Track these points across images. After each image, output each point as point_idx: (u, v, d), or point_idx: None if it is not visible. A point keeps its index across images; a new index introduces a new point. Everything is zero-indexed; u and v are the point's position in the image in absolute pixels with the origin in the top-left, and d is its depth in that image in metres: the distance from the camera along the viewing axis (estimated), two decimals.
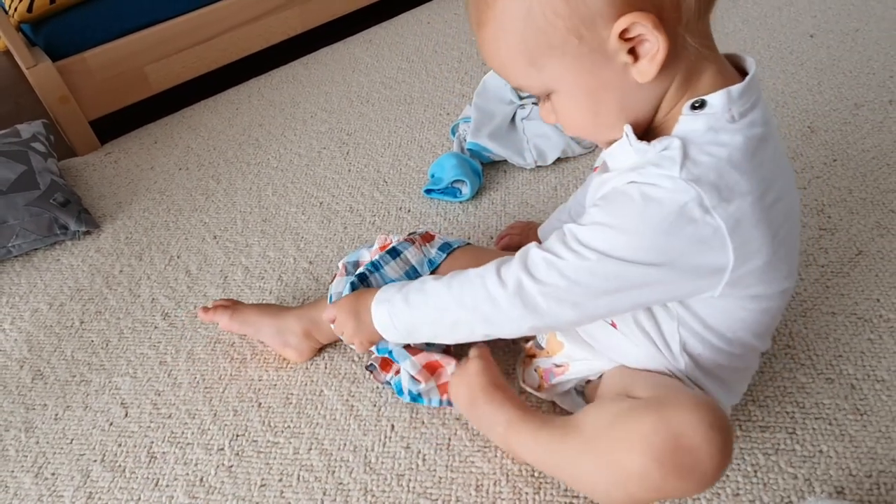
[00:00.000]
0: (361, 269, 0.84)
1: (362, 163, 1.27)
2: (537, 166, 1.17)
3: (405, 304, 0.69)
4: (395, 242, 0.86)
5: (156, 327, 0.99)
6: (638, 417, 0.57)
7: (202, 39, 1.49)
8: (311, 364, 0.89)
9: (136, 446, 0.83)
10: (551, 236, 0.60)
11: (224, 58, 1.55)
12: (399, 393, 0.81)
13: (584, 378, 0.75)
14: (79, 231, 1.16)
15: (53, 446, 0.84)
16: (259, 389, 0.87)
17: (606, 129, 0.58)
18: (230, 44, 1.54)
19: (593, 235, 0.56)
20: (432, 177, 1.16)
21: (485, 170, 1.19)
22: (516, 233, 1.00)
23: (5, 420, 0.88)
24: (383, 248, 0.86)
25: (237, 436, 0.82)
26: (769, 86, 1.28)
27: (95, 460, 0.82)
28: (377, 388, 0.84)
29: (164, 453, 0.82)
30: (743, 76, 0.55)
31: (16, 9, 1.33)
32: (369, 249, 0.89)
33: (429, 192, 1.15)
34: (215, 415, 0.85)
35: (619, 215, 0.55)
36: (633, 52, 0.51)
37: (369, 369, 0.82)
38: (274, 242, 1.11)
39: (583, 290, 0.57)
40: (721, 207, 0.52)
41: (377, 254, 0.86)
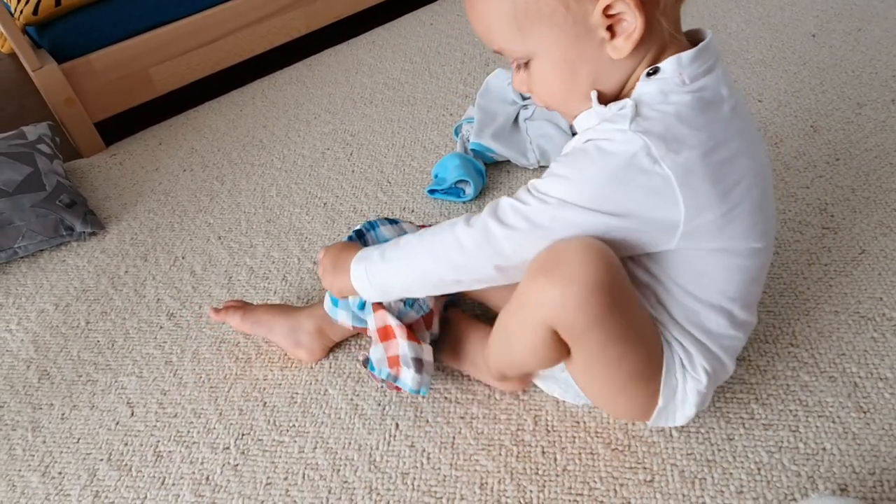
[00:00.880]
0: (359, 226, 0.85)
1: (366, 163, 1.27)
2: (540, 166, 1.18)
3: (381, 260, 0.72)
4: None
5: (161, 327, 0.99)
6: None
7: (206, 41, 1.50)
8: (316, 363, 0.89)
9: (142, 445, 0.83)
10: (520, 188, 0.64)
11: (228, 59, 1.55)
12: (371, 368, 0.79)
13: None
14: (84, 232, 1.17)
15: (60, 445, 0.85)
16: (264, 389, 0.88)
17: (576, 100, 0.62)
18: (234, 46, 1.54)
19: (553, 184, 0.60)
20: (436, 177, 1.16)
21: (488, 170, 1.19)
22: None
23: (12, 419, 0.89)
24: None
25: (243, 435, 0.83)
26: (772, 85, 1.28)
27: (102, 459, 0.83)
28: (381, 387, 0.85)
29: (170, 452, 0.82)
30: None
31: (21, 11, 1.34)
32: None
33: (432, 192, 1.16)
34: (221, 414, 0.86)
35: (576, 167, 0.59)
36: (610, 30, 0.57)
37: (364, 364, 0.81)
38: (278, 243, 1.12)
39: (544, 234, 0.60)
40: (669, 158, 0.55)
41: None
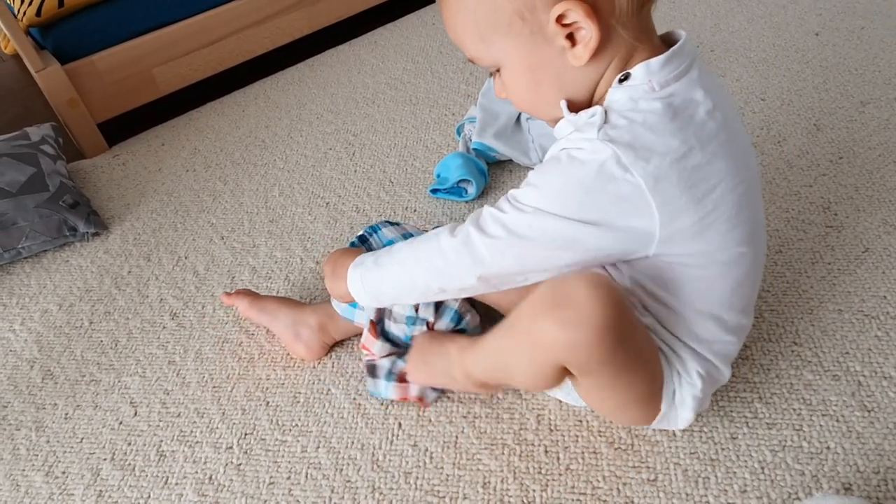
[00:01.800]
0: (362, 231, 0.86)
1: (368, 163, 1.27)
2: None
3: (375, 266, 0.73)
4: None
5: (164, 327, 1.00)
6: (538, 289, 0.62)
7: (209, 42, 1.50)
8: (319, 363, 0.89)
9: (145, 445, 0.84)
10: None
11: (230, 60, 1.56)
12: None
13: None
14: (88, 232, 1.17)
15: (64, 445, 0.85)
16: (267, 388, 0.88)
17: (547, 106, 0.64)
18: (237, 46, 1.55)
19: (528, 193, 0.61)
20: (438, 177, 1.16)
21: (490, 169, 1.19)
22: None
23: (16, 419, 0.89)
24: None
25: (245, 434, 0.83)
26: (774, 83, 1.28)
27: (105, 459, 0.83)
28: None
29: (173, 452, 0.82)
30: None
31: (25, 13, 1.34)
32: None
33: (435, 191, 1.16)
34: (224, 413, 0.86)
35: (549, 175, 0.61)
36: (571, 38, 0.58)
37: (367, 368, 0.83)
38: (281, 243, 1.12)
39: (522, 242, 0.61)
40: (639, 165, 0.56)
41: None
